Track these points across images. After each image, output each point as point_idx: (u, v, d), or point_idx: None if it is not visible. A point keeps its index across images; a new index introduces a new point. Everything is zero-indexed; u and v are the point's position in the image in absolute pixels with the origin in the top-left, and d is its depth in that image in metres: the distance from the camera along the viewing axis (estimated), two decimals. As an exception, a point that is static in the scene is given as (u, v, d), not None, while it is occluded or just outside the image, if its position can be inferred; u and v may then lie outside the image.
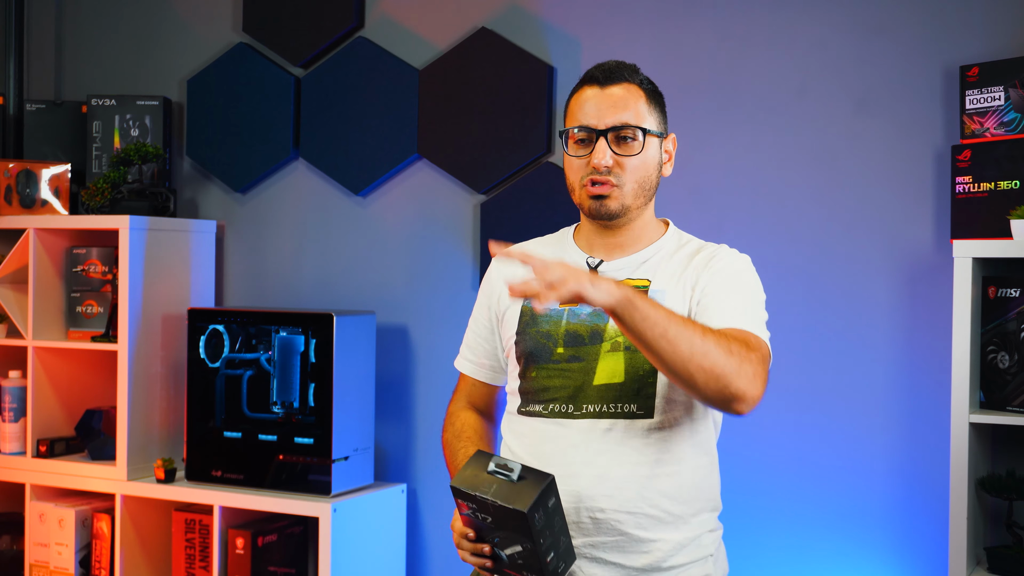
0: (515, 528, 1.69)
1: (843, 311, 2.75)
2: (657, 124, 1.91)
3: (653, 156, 1.90)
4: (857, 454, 2.72)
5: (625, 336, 1.68)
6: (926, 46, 2.68)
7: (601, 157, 1.84)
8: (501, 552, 1.74)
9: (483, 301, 2.07)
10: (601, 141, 1.85)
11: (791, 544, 2.78)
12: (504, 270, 2.02)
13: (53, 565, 3.28)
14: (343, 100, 3.31)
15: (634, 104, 1.87)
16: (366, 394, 3.09)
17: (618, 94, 1.87)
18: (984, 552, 2.48)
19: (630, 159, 1.86)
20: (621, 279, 1.88)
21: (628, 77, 1.89)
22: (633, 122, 1.86)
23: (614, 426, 1.83)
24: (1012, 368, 2.40)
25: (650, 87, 1.93)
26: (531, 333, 1.91)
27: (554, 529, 1.73)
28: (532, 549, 1.69)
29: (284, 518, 3.14)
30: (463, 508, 1.75)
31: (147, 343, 3.25)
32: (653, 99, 1.91)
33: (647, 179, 1.89)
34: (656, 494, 1.83)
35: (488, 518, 1.71)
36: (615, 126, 1.85)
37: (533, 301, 1.58)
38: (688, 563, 1.86)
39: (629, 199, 1.88)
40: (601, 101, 1.87)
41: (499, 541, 1.73)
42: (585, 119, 1.87)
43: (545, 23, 3.08)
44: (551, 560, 1.72)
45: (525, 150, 3.06)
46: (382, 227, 3.31)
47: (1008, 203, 2.47)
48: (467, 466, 1.75)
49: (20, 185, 3.42)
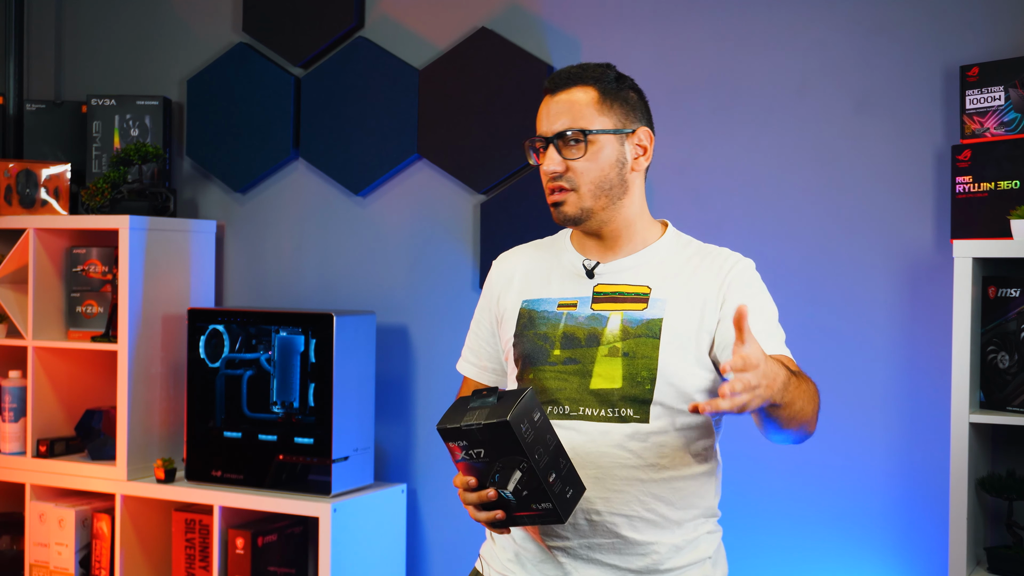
0: (507, 449, 1.67)
1: (843, 311, 2.75)
2: (614, 122, 1.88)
3: (608, 155, 1.87)
4: (857, 454, 2.72)
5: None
6: (926, 46, 2.68)
7: (547, 164, 1.86)
8: (506, 492, 1.71)
9: (484, 304, 2.06)
10: (550, 148, 1.87)
11: (791, 544, 2.78)
12: (505, 270, 2.02)
13: (53, 565, 3.28)
14: (343, 100, 3.31)
15: (580, 107, 1.86)
16: (366, 394, 3.09)
17: (564, 100, 1.87)
18: (984, 552, 2.48)
19: (577, 162, 1.86)
20: (620, 283, 1.88)
21: (580, 80, 1.88)
22: (575, 125, 1.86)
23: (612, 430, 1.83)
24: (1012, 368, 2.40)
25: (610, 85, 1.89)
26: (528, 335, 1.91)
27: (547, 446, 1.70)
28: (530, 469, 1.67)
29: (284, 518, 3.14)
30: (456, 453, 1.73)
31: (147, 343, 3.25)
32: (610, 97, 1.88)
33: (603, 179, 1.87)
34: (652, 498, 1.83)
35: (480, 451, 1.70)
36: (559, 132, 1.86)
37: (726, 401, 1.54)
38: (686, 566, 1.86)
39: (588, 201, 1.87)
40: (550, 109, 1.88)
41: (499, 479, 1.71)
42: (538, 128, 1.90)
43: (545, 23, 3.08)
44: (554, 481, 1.69)
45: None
46: (382, 227, 3.31)
47: (1008, 203, 2.47)
48: (449, 409, 1.75)
49: (20, 185, 3.42)
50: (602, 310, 1.87)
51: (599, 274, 1.91)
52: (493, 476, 1.71)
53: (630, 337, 1.84)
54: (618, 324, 1.85)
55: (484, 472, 1.72)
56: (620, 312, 1.86)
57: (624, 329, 1.84)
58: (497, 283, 2.03)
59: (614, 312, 1.87)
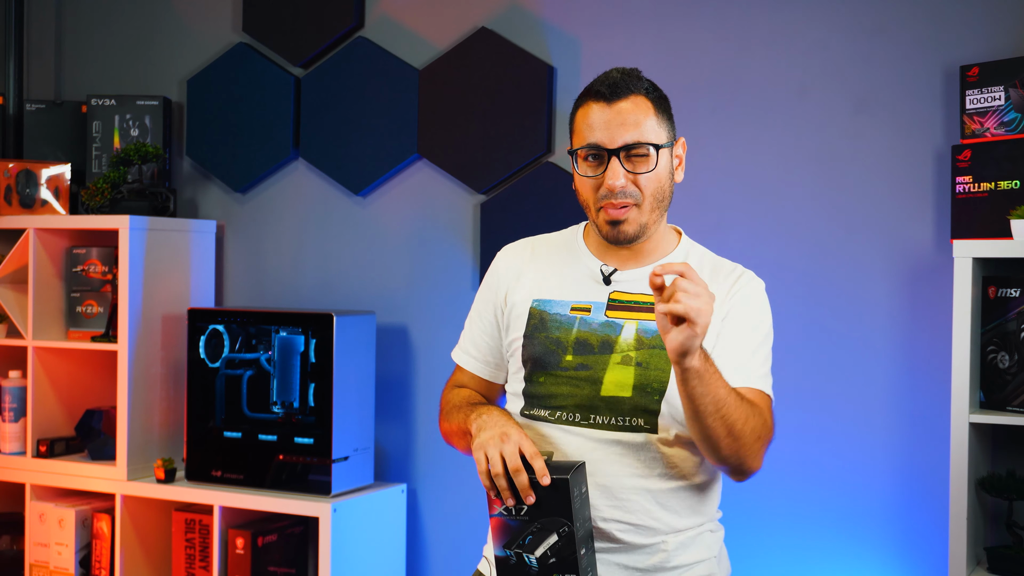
0: (552, 510, 1.67)
1: (843, 311, 2.75)
2: (667, 134, 1.85)
3: (664, 167, 1.84)
4: (857, 454, 2.72)
5: (683, 394, 1.68)
6: (926, 46, 2.68)
7: (616, 179, 1.79)
8: (530, 557, 1.71)
9: (487, 296, 2.01)
10: (614, 161, 1.79)
11: (791, 544, 2.78)
12: (513, 265, 1.98)
13: (53, 565, 3.28)
14: (343, 100, 3.31)
15: (644, 118, 1.80)
16: (366, 394, 3.09)
17: (627, 109, 1.80)
18: (984, 552, 2.48)
19: (644, 176, 1.80)
20: (637, 291, 1.86)
21: (634, 88, 1.82)
22: (645, 139, 1.80)
23: (622, 439, 1.82)
24: (1012, 368, 2.40)
25: (656, 94, 1.86)
26: (540, 338, 1.88)
27: (585, 521, 1.72)
28: (570, 535, 1.67)
29: (284, 518, 3.13)
30: (494, 506, 1.72)
31: (147, 343, 3.25)
32: (661, 107, 1.85)
33: (661, 192, 1.84)
34: (658, 507, 1.83)
35: (523, 508, 1.69)
36: (627, 144, 1.79)
37: (662, 306, 1.58)
38: (693, 563, 1.86)
39: (646, 216, 1.83)
40: (610, 118, 1.80)
41: (530, 541, 1.70)
42: (594, 138, 1.81)
43: (545, 23, 3.08)
44: (584, 555, 1.70)
45: (525, 150, 3.06)
46: (382, 227, 3.31)
47: (1008, 203, 2.47)
48: None
49: (20, 185, 3.42)
50: (616, 318, 1.85)
51: (616, 281, 1.88)
52: (525, 538, 1.70)
53: (644, 347, 1.82)
54: (632, 333, 1.83)
55: (517, 532, 1.71)
56: (635, 321, 1.84)
57: (639, 339, 1.82)
58: (504, 276, 1.98)
59: (629, 321, 1.84)
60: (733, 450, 1.72)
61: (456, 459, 3.08)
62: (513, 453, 1.69)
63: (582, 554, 1.69)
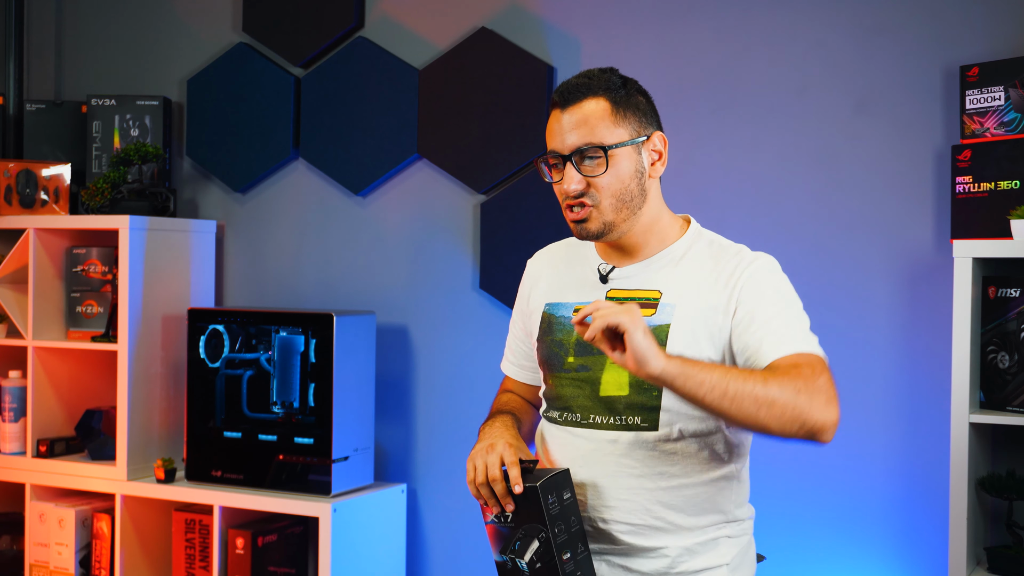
0: (532, 517, 1.71)
1: (843, 311, 2.75)
2: (629, 132, 1.83)
3: (627, 167, 1.83)
4: (857, 454, 2.72)
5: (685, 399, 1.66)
6: (926, 46, 2.68)
7: (569, 183, 1.81)
8: (522, 562, 1.75)
9: (519, 303, 2.06)
10: (568, 167, 1.82)
11: (791, 544, 2.77)
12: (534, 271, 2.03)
13: (53, 565, 3.28)
14: (343, 100, 3.31)
15: (596, 121, 1.81)
16: (366, 394, 3.09)
17: (578, 115, 1.82)
18: (984, 552, 2.48)
19: (599, 179, 1.81)
20: (631, 288, 1.87)
21: (590, 91, 1.83)
22: (595, 141, 1.81)
23: (619, 438, 1.82)
24: (1012, 368, 2.40)
25: (620, 94, 1.84)
26: (547, 340, 1.91)
27: (569, 526, 1.74)
28: (548, 541, 1.70)
29: (284, 518, 3.13)
30: (487, 514, 1.79)
31: (147, 343, 3.25)
32: (623, 106, 1.84)
33: (624, 191, 1.83)
34: (660, 507, 1.82)
35: (508, 516, 1.75)
36: (577, 148, 1.81)
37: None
38: (700, 570, 1.84)
39: (609, 215, 1.83)
40: (563, 124, 1.82)
41: (519, 546, 1.75)
42: (551, 144, 1.85)
43: (545, 23, 3.09)
44: (567, 560, 1.72)
45: (525, 150, 3.06)
46: (382, 227, 3.31)
47: (1008, 203, 2.47)
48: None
49: (20, 185, 3.42)
50: None
51: (612, 279, 1.89)
52: (514, 543, 1.76)
53: None
54: None
55: (508, 538, 1.77)
56: None
57: None
58: (527, 282, 2.04)
59: None
60: (778, 418, 1.66)
61: (456, 459, 3.08)
62: (494, 463, 1.76)
63: (565, 559, 1.73)
